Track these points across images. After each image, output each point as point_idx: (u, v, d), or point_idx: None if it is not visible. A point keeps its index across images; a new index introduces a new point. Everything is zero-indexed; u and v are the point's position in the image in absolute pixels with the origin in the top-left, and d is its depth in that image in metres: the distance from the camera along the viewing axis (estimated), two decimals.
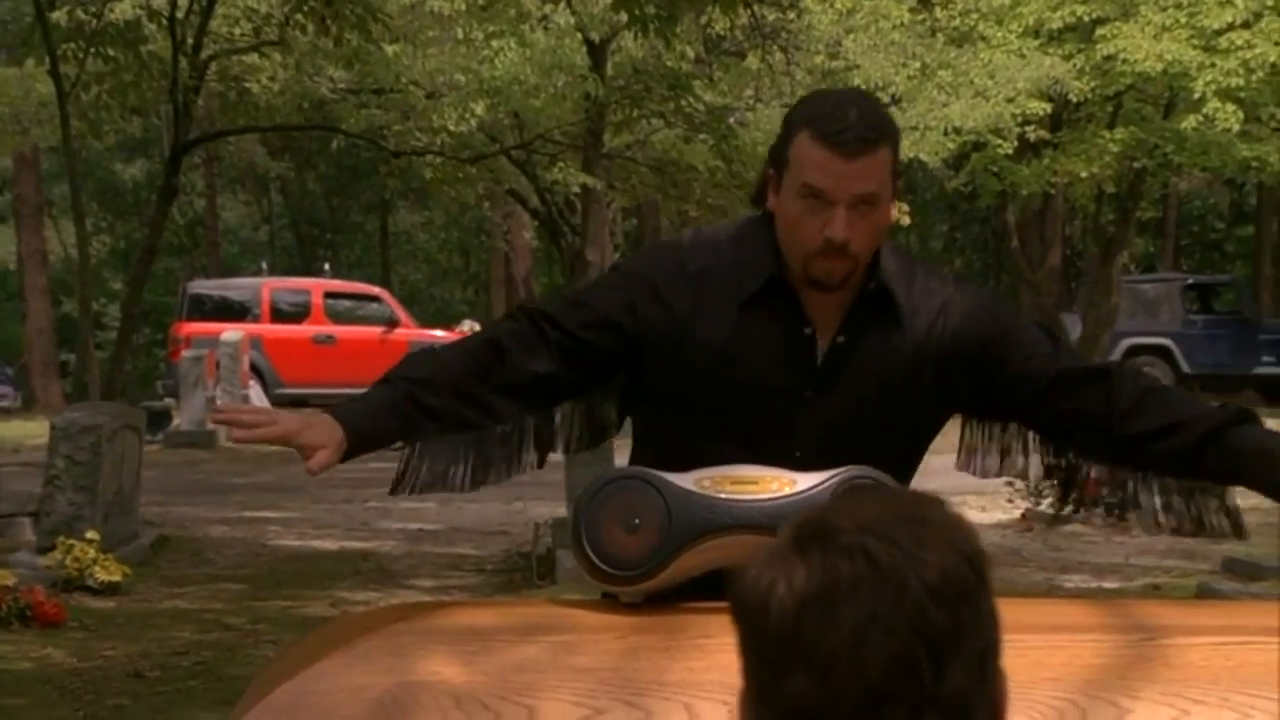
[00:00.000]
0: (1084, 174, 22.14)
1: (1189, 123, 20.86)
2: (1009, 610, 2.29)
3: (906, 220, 19.98)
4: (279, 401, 22.08)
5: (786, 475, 2.33)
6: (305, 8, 10.86)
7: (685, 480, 2.32)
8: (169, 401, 19.25)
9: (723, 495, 2.31)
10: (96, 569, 9.01)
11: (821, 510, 1.37)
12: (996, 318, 2.59)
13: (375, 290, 24.73)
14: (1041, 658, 2.08)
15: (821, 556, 1.31)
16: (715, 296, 2.51)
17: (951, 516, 1.36)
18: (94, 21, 11.33)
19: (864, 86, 18.75)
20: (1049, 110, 21.45)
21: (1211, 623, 2.23)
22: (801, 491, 2.30)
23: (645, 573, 2.31)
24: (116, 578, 8.99)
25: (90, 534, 9.20)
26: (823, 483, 2.30)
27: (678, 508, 2.31)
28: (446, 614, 2.34)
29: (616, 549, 2.31)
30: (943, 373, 2.54)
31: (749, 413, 2.51)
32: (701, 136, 11.66)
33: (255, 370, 21.43)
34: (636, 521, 2.32)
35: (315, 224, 33.91)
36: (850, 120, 2.43)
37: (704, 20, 14.58)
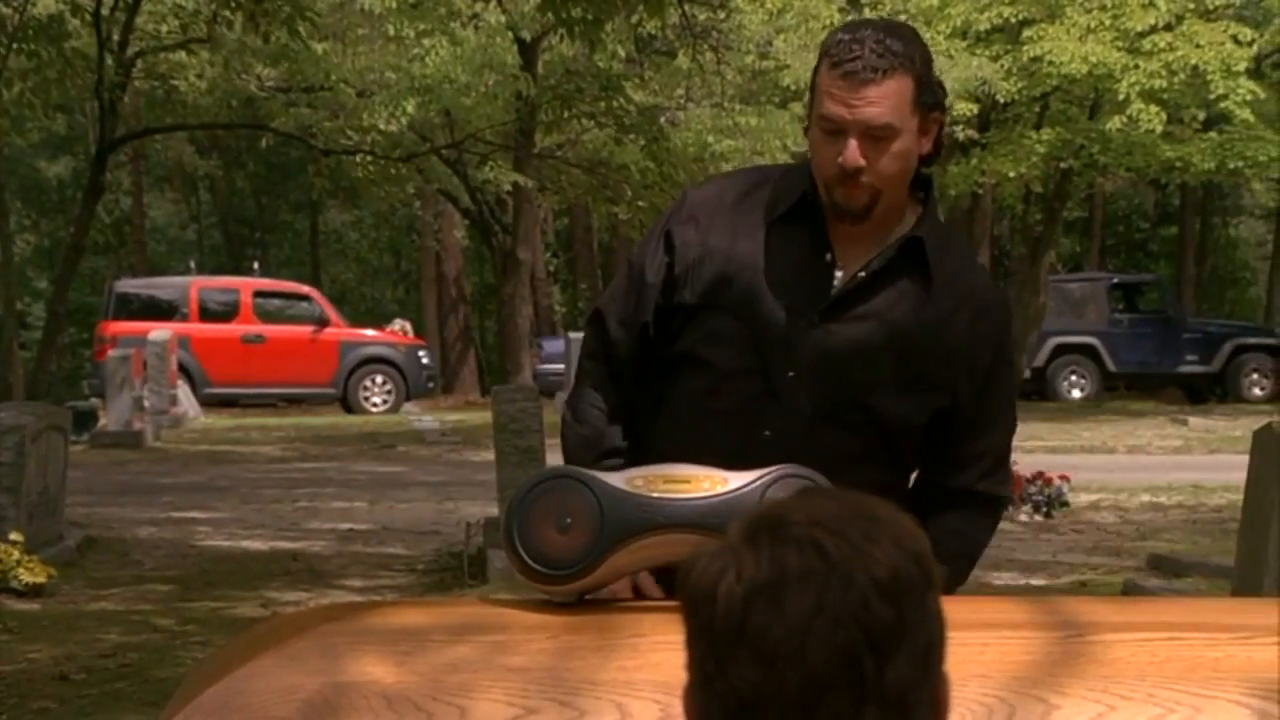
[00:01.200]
0: (1012, 174, 22.35)
1: (1113, 124, 21.10)
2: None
3: None
4: (207, 401, 21.94)
5: (719, 474, 2.32)
6: (233, 4, 10.79)
7: (617, 479, 2.31)
8: (95, 401, 19.07)
9: (655, 494, 2.30)
10: (20, 571, 8.90)
11: (776, 504, 1.39)
12: (1005, 347, 2.63)
13: (305, 289, 24.60)
14: (970, 655, 2.08)
15: (771, 547, 1.33)
16: (750, 216, 2.57)
17: (901, 518, 1.38)
18: (17, 17, 11.20)
19: (794, 87, 18.84)
20: (976, 111, 21.63)
21: (1137, 619, 2.22)
22: (733, 490, 2.30)
23: (578, 572, 2.29)
24: (41, 579, 8.88)
25: (14, 535, 9.09)
26: (754, 481, 2.29)
27: (610, 506, 2.30)
28: (378, 614, 2.31)
29: (549, 548, 2.30)
30: (951, 362, 2.55)
31: (758, 324, 2.54)
32: (631, 137, 11.67)
33: (184, 370, 21.27)
34: (568, 520, 2.31)
35: (244, 223, 33.70)
36: (863, 49, 2.45)
37: (635, 20, 14.59)
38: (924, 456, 2.62)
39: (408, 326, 24.33)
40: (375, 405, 22.72)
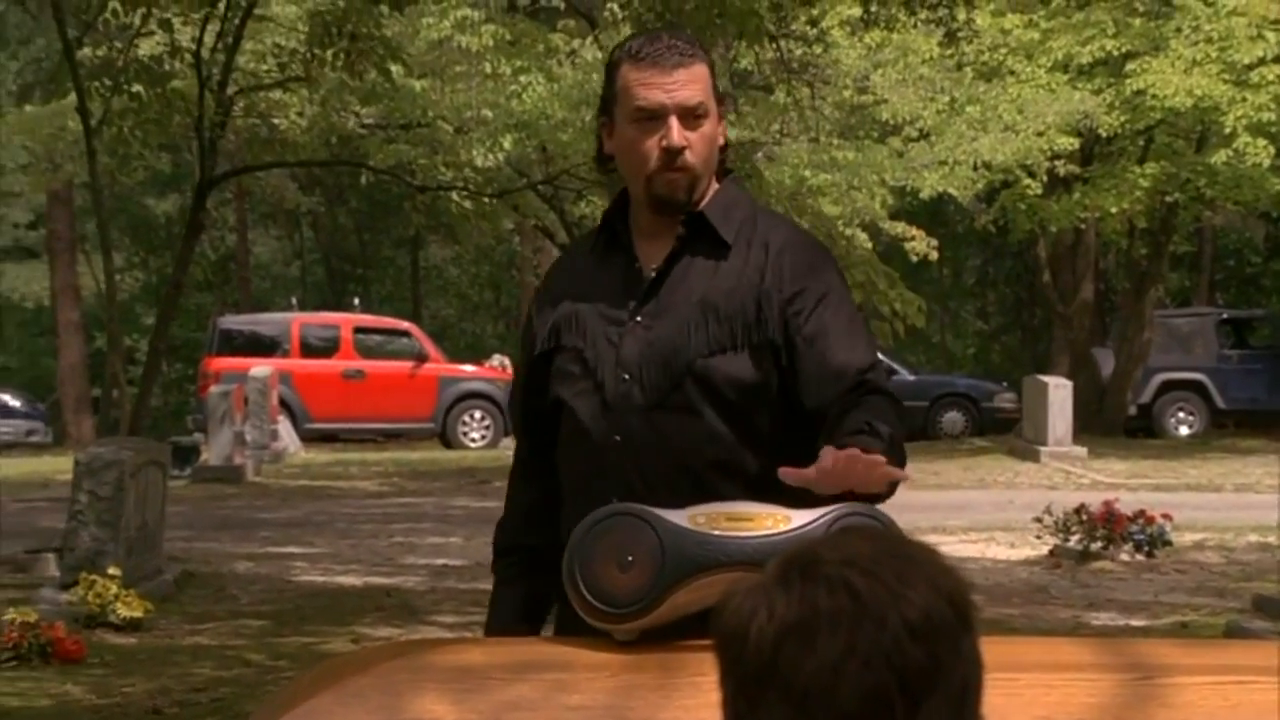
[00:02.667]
0: (1114, 209, 22.04)
1: (1220, 157, 20.76)
2: (1004, 648, 2.29)
3: (935, 255, 19.89)
4: (308, 436, 22.13)
5: (781, 512, 2.31)
6: (329, 44, 10.90)
7: (679, 516, 2.31)
8: (198, 437, 19.27)
9: (716, 532, 2.29)
10: (118, 605, 8.95)
11: (810, 544, 1.38)
12: (820, 273, 2.67)
13: (405, 325, 24.76)
14: (1036, 696, 2.06)
15: (802, 587, 1.33)
16: (574, 266, 2.75)
17: (938, 558, 1.37)
18: (121, 58, 11.38)
19: (892, 121, 18.72)
20: (1078, 145, 21.37)
21: (1210, 662, 2.20)
22: (796, 528, 2.29)
23: (639, 610, 2.29)
24: (138, 614, 8.93)
25: (112, 570, 9.15)
26: (817, 519, 2.29)
27: (671, 544, 2.30)
28: (441, 652, 2.34)
29: (610, 586, 2.31)
30: (762, 306, 2.61)
31: (587, 346, 2.65)
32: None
33: (285, 405, 21.46)
34: (630, 558, 2.31)
35: (346, 259, 34.00)
36: (665, 40, 2.63)
37: (730, 55, 14.57)
38: (800, 428, 2.59)
39: (506, 362, 24.37)
40: (474, 440, 22.79)
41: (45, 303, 30.06)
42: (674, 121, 2.57)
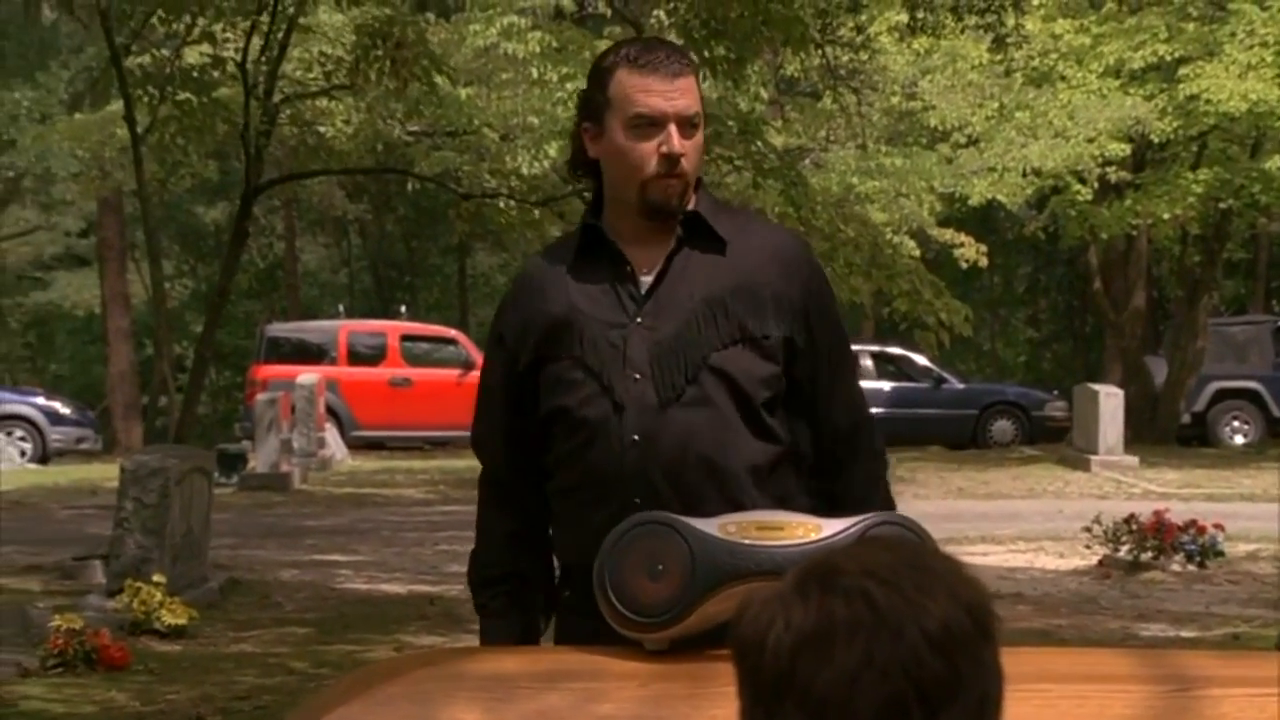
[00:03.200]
0: (1167, 216, 21.86)
1: (1275, 163, 20.56)
2: (1038, 659, 2.31)
3: (984, 262, 19.75)
4: (355, 444, 22.16)
5: (812, 521, 2.32)
6: (374, 54, 10.91)
7: (709, 525, 2.31)
8: (246, 444, 19.32)
9: (747, 541, 2.29)
10: (163, 612, 8.96)
11: (829, 554, 1.38)
12: (825, 286, 2.77)
13: (451, 333, 24.79)
14: (1070, 708, 2.05)
15: (820, 597, 1.32)
16: (554, 279, 2.71)
17: (959, 569, 1.36)
18: (168, 67, 11.41)
19: (940, 128, 18.62)
20: (1130, 151, 21.20)
21: (1249, 674, 2.16)
22: (827, 537, 2.28)
23: (669, 619, 2.30)
24: (183, 621, 8.94)
25: (157, 577, 9.17)
26: (849, 528, 2.29)
27: (701, 553, 2.29)
28: (471, 660, 2.34)
29: (641, 594, 2.31)
30: (769, 303, 2.66)
31: (590, 352, 2.64)
32: (770, 182, 11.57)
33: (332, 413, 21.51)
34: (660, 567, 2.31)
35: (394, 266, 34.09)
36: (662, 50, 2.68)
37: (778, 61, 14.51)
38: (794, 428, 2.69)
39: None
40: None
41: (96, 310, 30.25)
42: (673, 129, 2.61)
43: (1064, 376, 31.09)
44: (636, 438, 2.60)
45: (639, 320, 2.64)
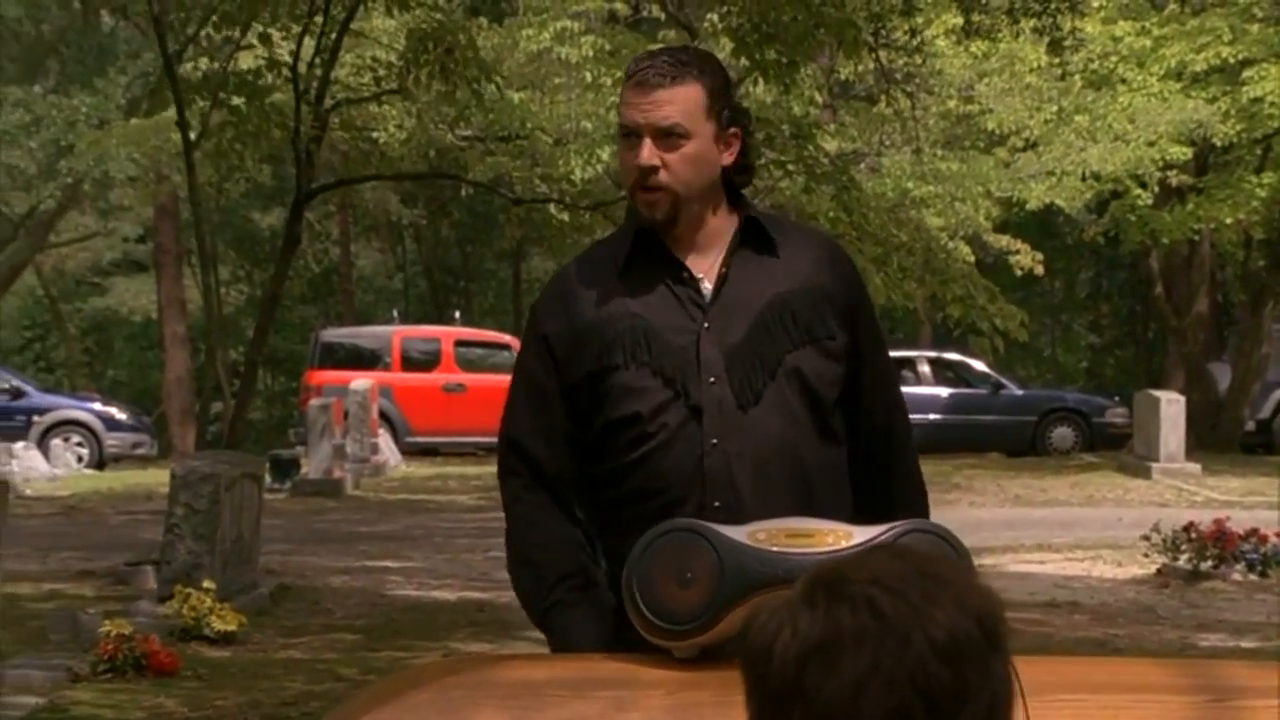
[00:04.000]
0: (1230, 220, 21.58)
1: None
2: (1078, 669, 2.30)
3: (1040, 269, 19.54)
4: (409, 450, 22.17)
5: (843, 528, 2.29)
6: (425, 59, 10.89)
7: (738, 533, 2.31)
8: (299, 450, 19.35)
9: (776, 548, 2.28)
10: (213, 618, 8.97)
11: (837, 562, 1.38)
12: (861, 285, 2.81)
13: (506, 339, 24.77)
14: (1105, 719, 2.06)
15: (827, 606, 1.32)
16: (603, 282, 2.67)
17: (969, 578, 1.36)
18: (221, 71, 11.43)
19: (997, 131, 18.46)
20: (1192, 155, 20.94)
21: None
22: (857, 544, 2.27)
23: (698, 627, 2.30)
24: (232, 627, 8.95)
25: (207, 583, 9.18)
26: (879, 535, 2.29)
27: (730, 561, 2.29)
28: (499, 668, 2.35)
29: (670, 602, 2.31)
30: (825, 305, 2.69)
31: (659, 358, 2.63)
32: (822, 186, 11.48)
33: (385, 418, 21.53)
34: (689, 575, 2.31)
35: (449, 271, 34.11)
36: (654, 61, 2.66)
37: (831, 65, 14.40)
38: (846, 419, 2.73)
39: None
40: None
41: (153, 316, 30.43)
42: (647, 141, 2.61)
43: (1126, 383, 30.75)
44: (715, 441, 2.60)
45: (707, 325, 2.64)
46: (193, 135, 11.39)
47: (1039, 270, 19.74)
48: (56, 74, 26.98)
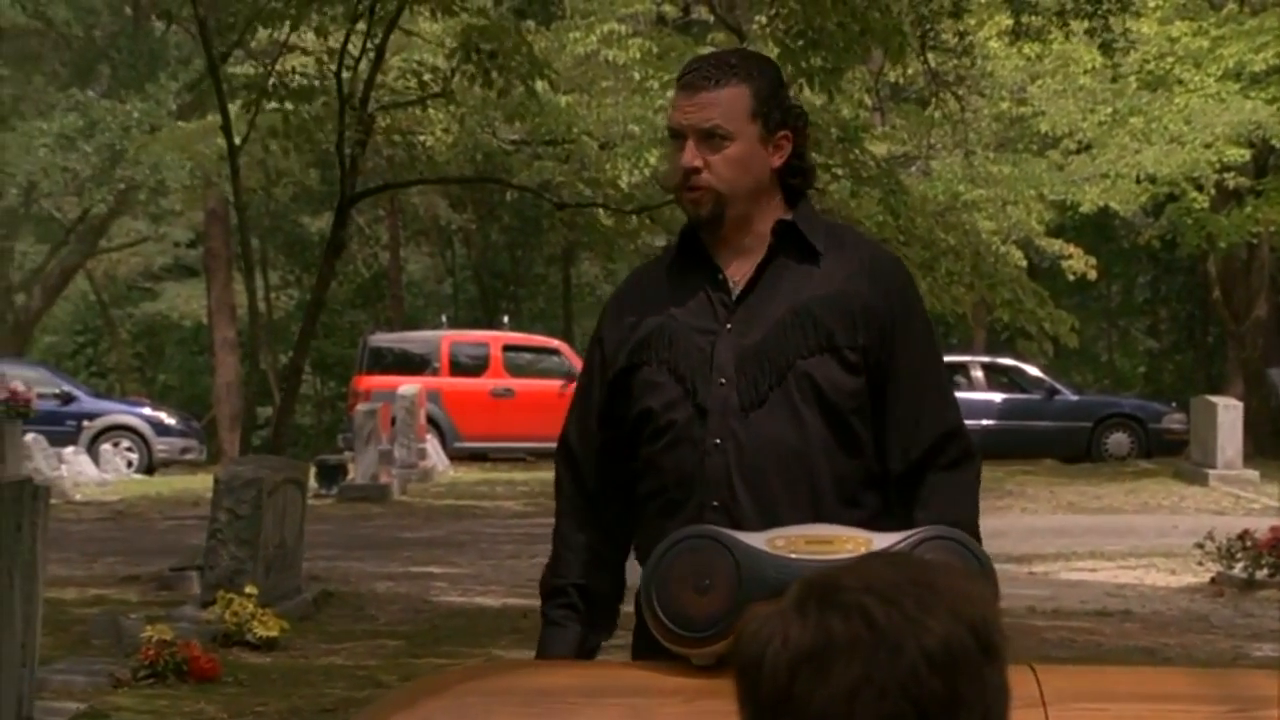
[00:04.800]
0: None
1: None
2: (1103, 678, 2.25)
3: (1094, 274, 19.31)
4: (457, 455, 22.15)
5: (861, 535, 2.28)
6: (470, 61, 10.84)
7: (757, 540, 2.31)
8: (347, 455, 19.34)
9: (794, 555, 2.28)
10: (255, 624, 8.96)
11: (831, 570, 1.37)
12: (914, 303, 2.76)
13: (554, 343, 24.74)
14: None
15: (819, 614, 1.32)
16: (656, 283, 2.76)
17: (967, 587, 1.35)
18: (269, 75, 11.40)
19: (1051, 134, 18.27)
20: (1250, 156, 20.65)
21: None
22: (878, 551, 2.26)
23: (716, 634, 2.30)
24: (274, 633, 8.93)
25: (249, 588, 9.15)
26: (900, 541, 2.25)
27: (749, 567, 2.29)
28: (516, 675, 2.37)
29: (688, 609, 2.31)
30: (861, 315, 2.67)
31: (678, 356, 2.68)
32: (868, 190, 11.37)
33: (434, 423, 21.50)
34: (707, 582, 2.31)
35: (498, 276, 34.07)
36: (707, 63, 2.71)
37: (880, 68, 14.28)
38: (879, 440, 2.69)
39: None
40: None
41: (203, 321, 30.56)
42: (689, 142, 2.65)
43: (1185, 388, 30.37)
44: (718, 441, 2.62)
45: (729, 327, 2.66)
46: (237, 140, 11.37)
47: (1092, 275, 19.50)
48: (109, 78, 27.12)
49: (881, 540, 2.27)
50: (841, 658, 1.29)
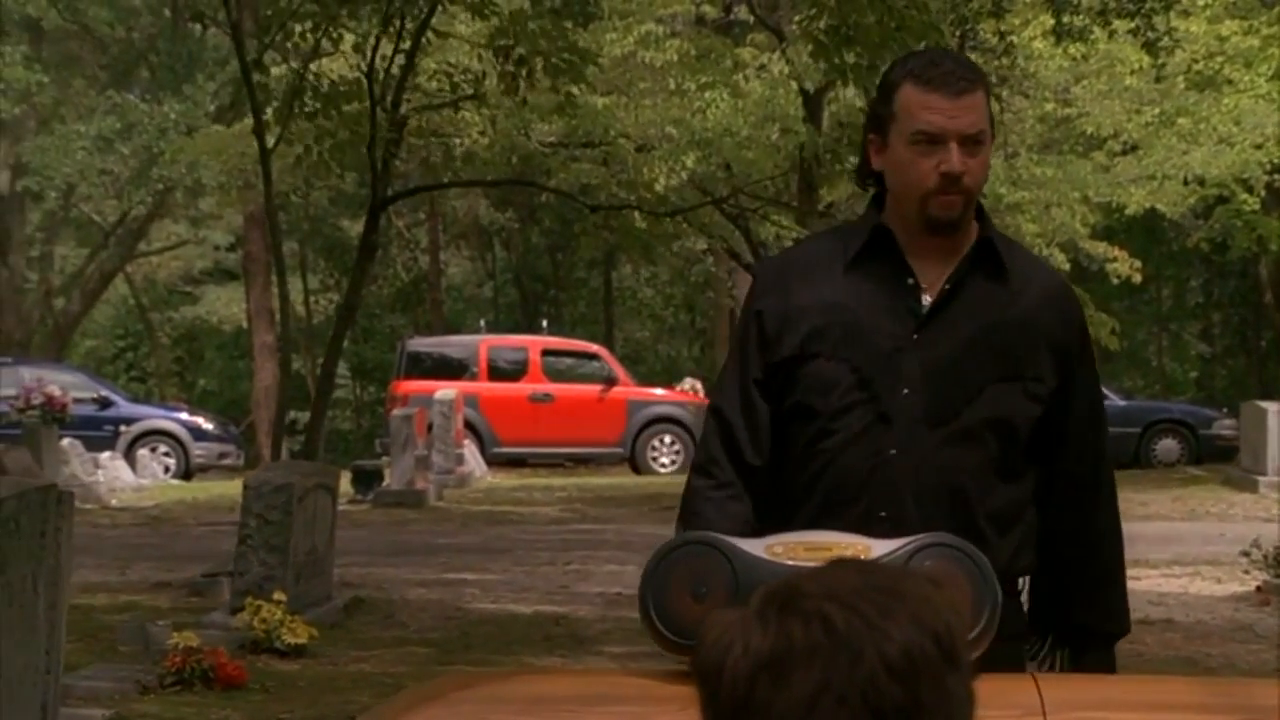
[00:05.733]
0: None
1: None
2: (1102, 687, 2.23)
3: (1138, 277, 19.03)
4: (496, 460, 22.05)
5: (861, 542, 2.27)
6: (503, 63, 10.76)
7: (755, 546, 2.31)
8: (384, 460, 19.26)
9: (791, 562, 2.26)
10: (283, 631, 8.90)
11: (796, 575, 1.36)
12: (1087, 333, 2.81)
13: (594, 348, 24.62)
14: None
15: (779, 621, 1.31)
16: (827, 269, 2.72)
17: (932, 593, 1.34)
18: (302, 82, 11.33)
19: (1096, 135, 18.04)
20: None
21: None
22: (876, 559, 2.24)
23: None
24: (303, 640, 8.88)
25: (278, 595, 9.09)
26: (898, 549, 2.23)
27: (745, 575, 2.28)
28: (514, 682, 2.40)
29: (684, 616, 2.31)
30: (1041, 344, 2.68)
31: (860, 358, 2.66)
32: None
33: (472, 428, 21.39)
34: (704, 589, 2.31)
35: (539, 280, 34.00)
36: (948, 65, 2.70)
37: None
38: (1038, 462, 2.70)
39: (698, 385, 24.01)
40: (663, 466, 22.49)
41: (243, 325, 30.59)
42: (954, 147, 2.64)
43: (1238, 394, 29.99)
44: (894, 452, 2.64)
45: (916, 337, 2.66)
46: (270, 143, 11.30)
47: (1137, 278, 19.22)
48: (147, 80, 27.19)
49: (881, 547, 2.24)
50: (801, 664, 1.28)
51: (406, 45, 11.13)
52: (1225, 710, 2.07)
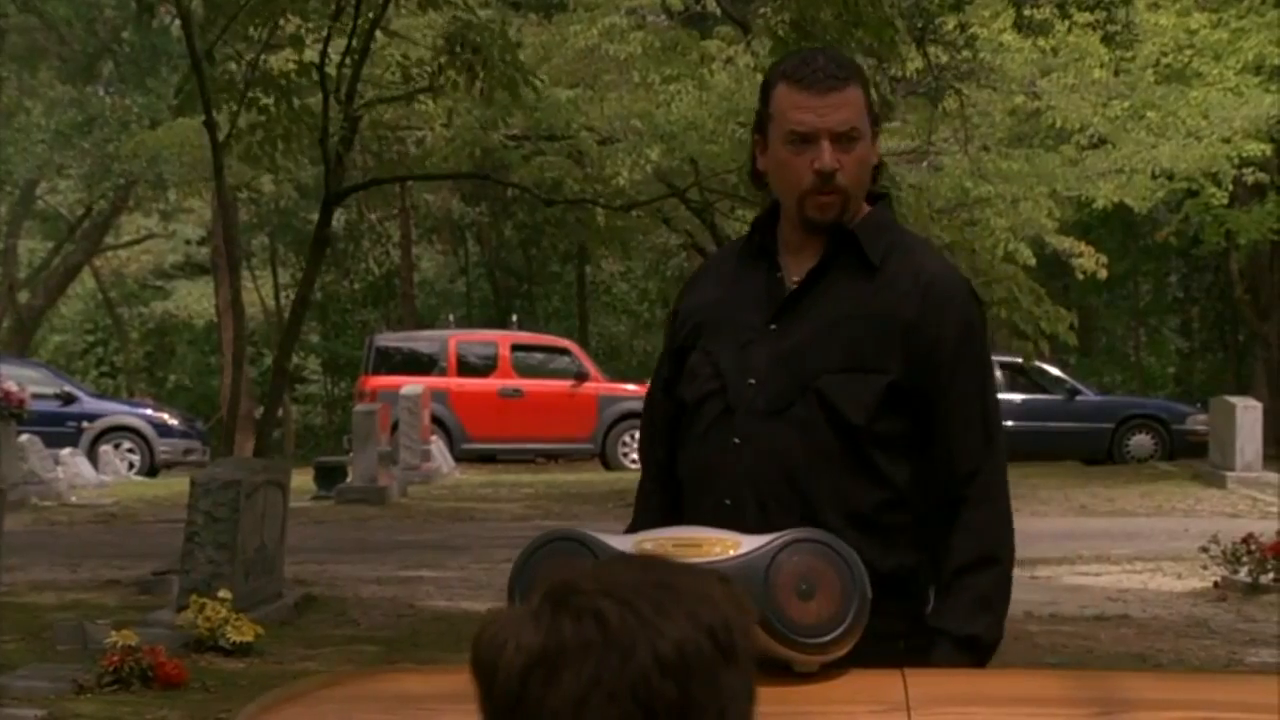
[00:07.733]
0: None
1: None
2: (973, 682, 2.24)
3: (1104, 273, 18.90)
4: (465, 456, 21.94)
5: (731, 537, 2.26)
6: (459, 58, 10.66)
7: (624, 543, 2.29)
8: (349, 456, 19.13)
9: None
10: (228, 629, 8.80)
11: (571, 571, 1.36)
12: (970, 329, 2.69)
13: (564, 343, 24.51)
14: None
15: (552, 617, 1.31)
16: (721, 267, 2.83)
17: (711, 589, 1.33)
18: (250, 73, 11.21)
19: (1063, 128, 17.94)
20: (1271, 151, 20.25)
21: (1178, 697, 2.15)
22: (744, 554, 2.23)
23: None
24: (248, 638, 8.79)
25: (223, 593, 9.00)
26: (765, 545, 2.22)
27: None
28: (380, 680, 2.36)
29: None
30: (904, 338, 2.64)
31: (718, 348, 2.71)
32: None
33: (440, 424, 21.27)
34: None
35: (512, 274, 33.83)
36: (820, 62, 2.69)
37: (884, 64, 14.01)
38: (920, 470, 2.65)
39: None
40: (634, 462, 22.29)
41: (214, 320, 30.42)
42: (826, 145, 2.64)
43: (1215, 389, 29.97)
44: (737, 441, 2.65)
45: (772, 327, 2.68)
46: (221, 136, 11.17)
47: (1103, 274, 19.10)
48: (111, 74, 26.99)
49: (750, 542, 2.21)
50: (572, 661, 1.29)
51: (359, 40, 11.00)
52: (1086, 703, 2.06)
